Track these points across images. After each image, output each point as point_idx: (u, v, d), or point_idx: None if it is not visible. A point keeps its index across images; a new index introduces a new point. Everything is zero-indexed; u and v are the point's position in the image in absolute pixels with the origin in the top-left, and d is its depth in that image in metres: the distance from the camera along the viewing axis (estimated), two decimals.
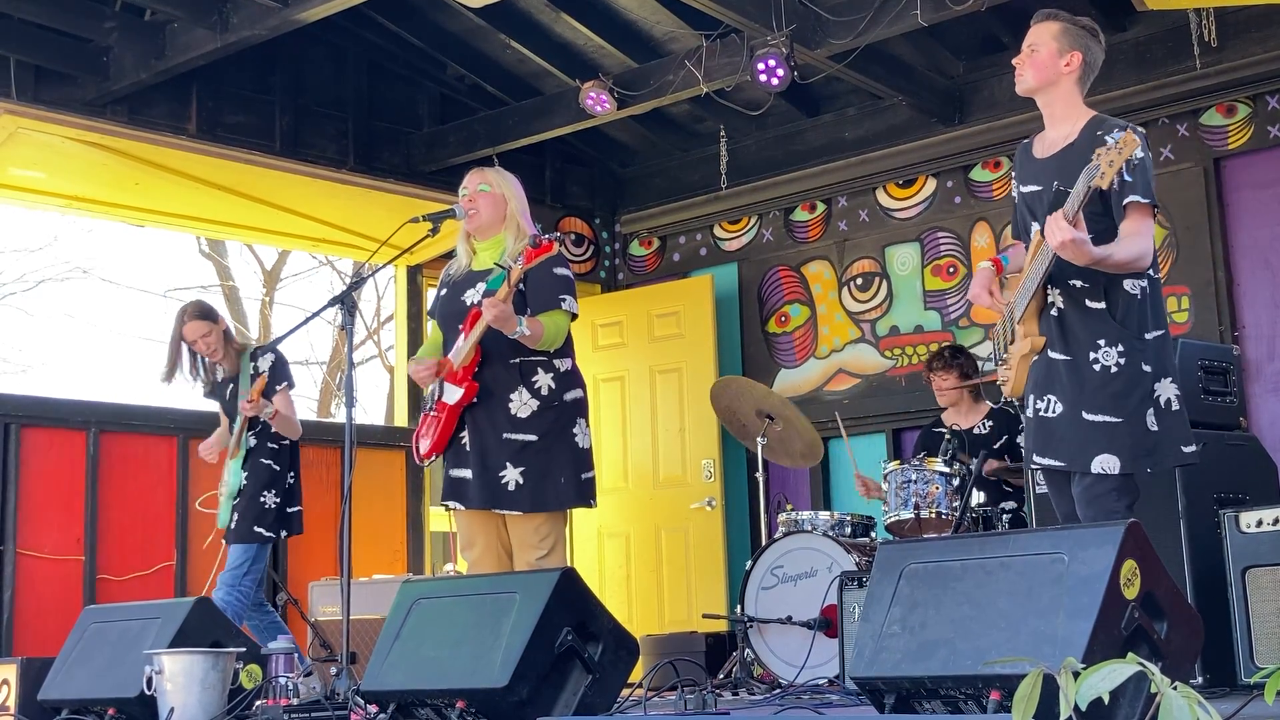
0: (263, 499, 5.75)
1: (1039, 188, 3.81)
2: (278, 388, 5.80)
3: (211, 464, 6.04)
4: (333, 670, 4.25)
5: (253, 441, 5.80)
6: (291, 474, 5.90)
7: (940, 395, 6.23)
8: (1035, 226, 3.79)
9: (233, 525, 5.78)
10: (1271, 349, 6.32)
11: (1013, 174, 3.99)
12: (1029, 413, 3.82)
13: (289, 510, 5.87)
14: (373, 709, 3.73)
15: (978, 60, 7.13)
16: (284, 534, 5.89)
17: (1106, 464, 3.60)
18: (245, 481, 5.77)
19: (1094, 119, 3.76)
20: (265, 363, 5.82)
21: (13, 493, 6.39)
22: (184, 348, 5.87)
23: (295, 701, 3.92)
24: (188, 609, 4.18)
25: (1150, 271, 3.71)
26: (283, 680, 4.01)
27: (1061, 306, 3.73)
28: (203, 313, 5.90)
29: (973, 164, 7.23)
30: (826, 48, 6.34)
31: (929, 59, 7.11)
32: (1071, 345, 3.70)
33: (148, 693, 3.87)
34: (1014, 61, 3.84)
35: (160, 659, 3.87)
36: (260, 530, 5.74)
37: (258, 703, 3.96)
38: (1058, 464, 3.71)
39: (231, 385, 5.88)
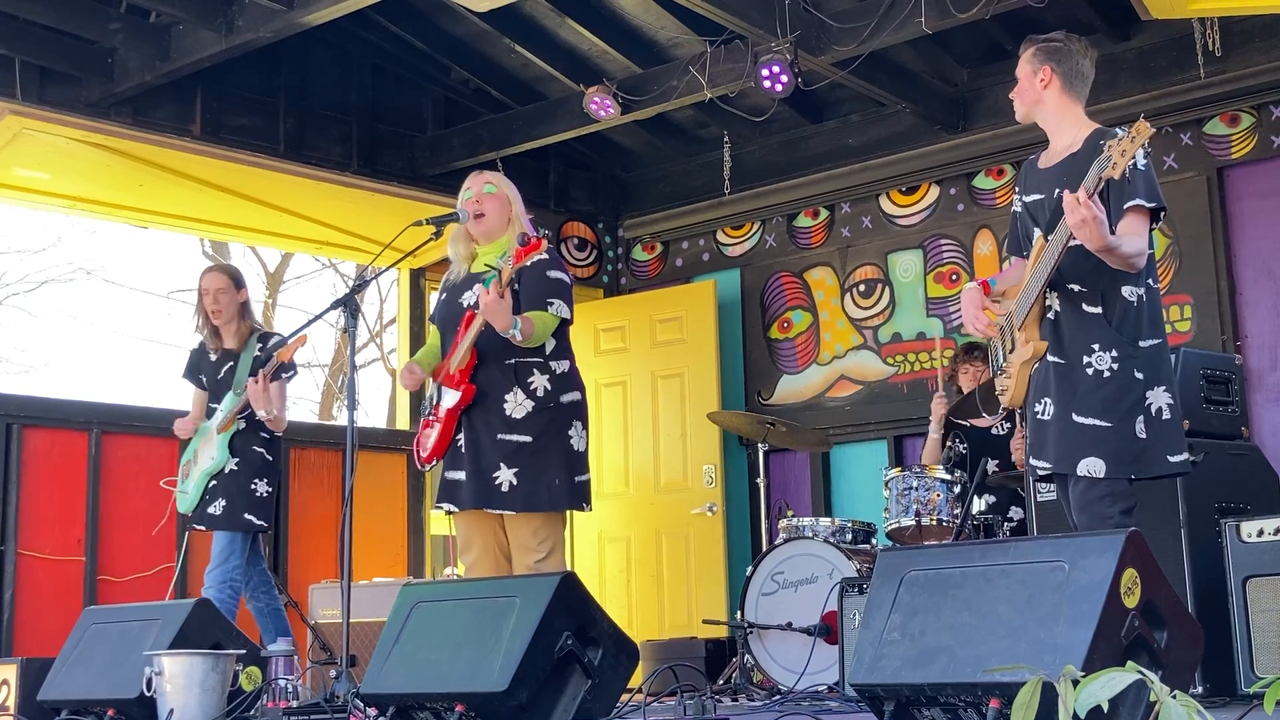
0: (254, 486, 5.54)
1: (1042, 196, 3.89)
2: (283, 375, 5.61)
3: (181, 438, 5.74)
4: (332, 673, 4.26)
5: (242, 424, 5.57)
6: (278, 464, 5.71)
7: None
8: (1037, 233, 3.85)
9: (217, 510, 5.50)
10: (1274, 358, 6.31)
11: (1015, 189, 4.05)
12: (1029, 415, 3.85)
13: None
14: (372, 712, 3.73)
15: (982, 68, 7.14)
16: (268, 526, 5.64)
17: (1092, 467, 3.63)
18: (235, 466, 5.53)
19: (1096, 130, 3.84)
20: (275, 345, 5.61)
21: (14, 493, 6.39)
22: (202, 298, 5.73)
23: (294, 704, 3.92)
24: (188, 610, 4.18)
25: (1149, 280, 3.77)
26: (282, 683, 4.01)
27: (1059, 310, 3.78)
28: (226, 270, 5.82)
29: (976, 171, 7.24)
30: (830, 54, 6.34)
31: (933, 66, 7.11)
32: (1067, 349, 3.75)
33: (147, 694, 3.87)
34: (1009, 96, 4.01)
35: (160, 660, 3.88)
36: (251, 518, 5.50)
37: (257, 704, 3.96)
38: (1046, 465, 3.74)
39: (231, 364, 5.65)
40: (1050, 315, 3.79)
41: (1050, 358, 3.77)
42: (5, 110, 6.29)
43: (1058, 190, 3.76)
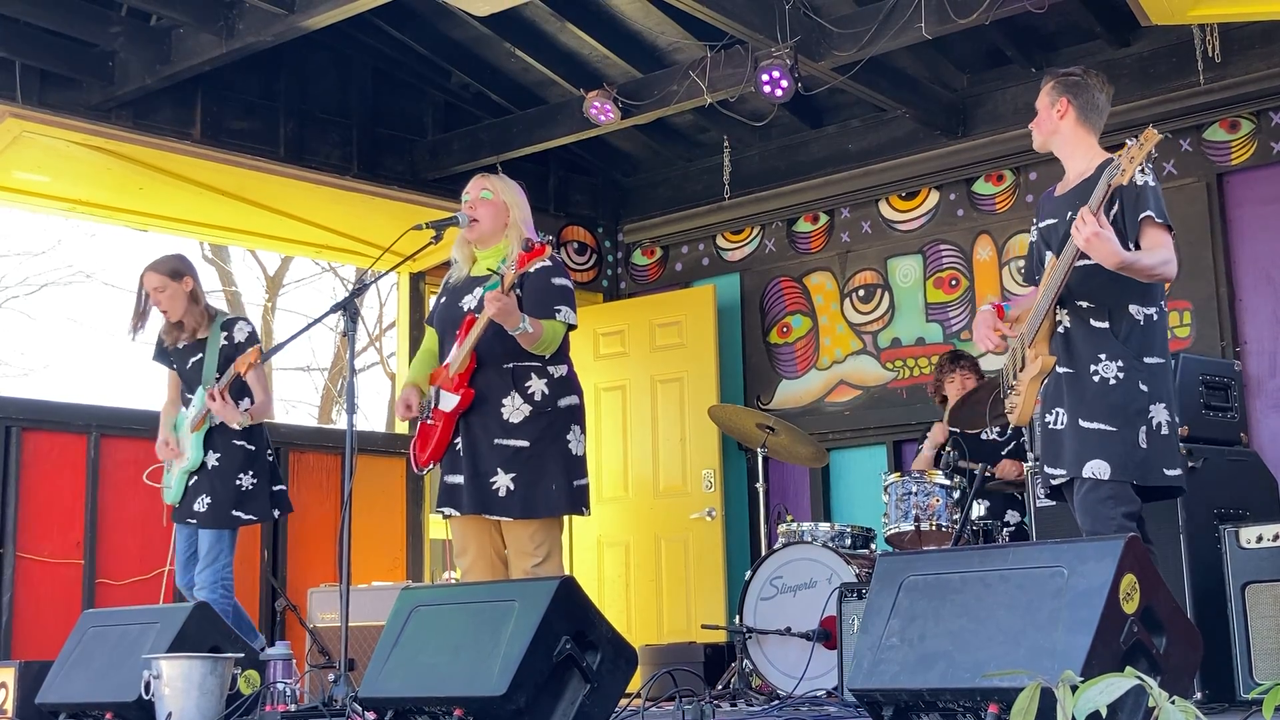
0: (239, 481, 5.34)
1: (1055, 220, 4.00)
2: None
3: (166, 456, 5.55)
4: (331, 677, 4.25)
5: (217, 420, 5.36)
6: (270, 451, 5.51)
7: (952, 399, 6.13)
8: (1049, 255, 3.92)
9: (202, 508, 5.33)
10: (1273, 364, 6.32)
11: (1034, 219, 4.16)
12: (1039, 427, 3.90)
13: (275, 489, 5.48)
14: (370, 716, 3.72)
15: (981, 73, 7.14)
16: (277, 514, 5.50)
17: (1098, 469, 3.70)
18: (217, 461, 5.35)
19: (1107, 159, 3.94)
20: (241, 332, 5.45)
21: (13, 496, 6.39)
22: (146, 299, 5.48)
23: (293, 708, 3.92)
24: (186, 614, 4.18)
25: (1161, 302, 3.88)
26: (280, 686, 4.01)
27: (1068, 325, 3.88)
28: (160, 267, 5.48)
29: (975, 177, 7.24)
30: (830, 59, 6.35)
31: (933, 71, 7.12)
32: (1075, 359, 3.84)
33: (146, 697, 3.87)
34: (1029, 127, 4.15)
35: (158, 664, 3.87)
36: (239, 514, 5.33)
37: (255, 708, 3.96)
38: (1062, 473, 3.79)
39: (199, 355, 5.46)
40: (1060, 330, 3.88)
41: (1059, 369, 3.86)
42: (6, 113, 6.29)
43: (1070, 213, 3.90)
